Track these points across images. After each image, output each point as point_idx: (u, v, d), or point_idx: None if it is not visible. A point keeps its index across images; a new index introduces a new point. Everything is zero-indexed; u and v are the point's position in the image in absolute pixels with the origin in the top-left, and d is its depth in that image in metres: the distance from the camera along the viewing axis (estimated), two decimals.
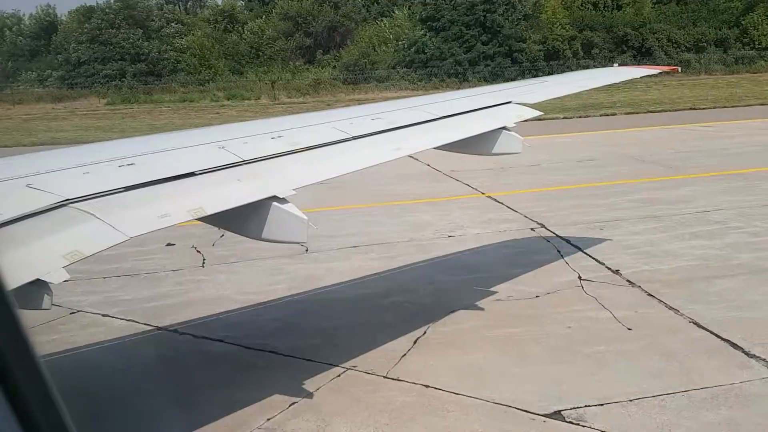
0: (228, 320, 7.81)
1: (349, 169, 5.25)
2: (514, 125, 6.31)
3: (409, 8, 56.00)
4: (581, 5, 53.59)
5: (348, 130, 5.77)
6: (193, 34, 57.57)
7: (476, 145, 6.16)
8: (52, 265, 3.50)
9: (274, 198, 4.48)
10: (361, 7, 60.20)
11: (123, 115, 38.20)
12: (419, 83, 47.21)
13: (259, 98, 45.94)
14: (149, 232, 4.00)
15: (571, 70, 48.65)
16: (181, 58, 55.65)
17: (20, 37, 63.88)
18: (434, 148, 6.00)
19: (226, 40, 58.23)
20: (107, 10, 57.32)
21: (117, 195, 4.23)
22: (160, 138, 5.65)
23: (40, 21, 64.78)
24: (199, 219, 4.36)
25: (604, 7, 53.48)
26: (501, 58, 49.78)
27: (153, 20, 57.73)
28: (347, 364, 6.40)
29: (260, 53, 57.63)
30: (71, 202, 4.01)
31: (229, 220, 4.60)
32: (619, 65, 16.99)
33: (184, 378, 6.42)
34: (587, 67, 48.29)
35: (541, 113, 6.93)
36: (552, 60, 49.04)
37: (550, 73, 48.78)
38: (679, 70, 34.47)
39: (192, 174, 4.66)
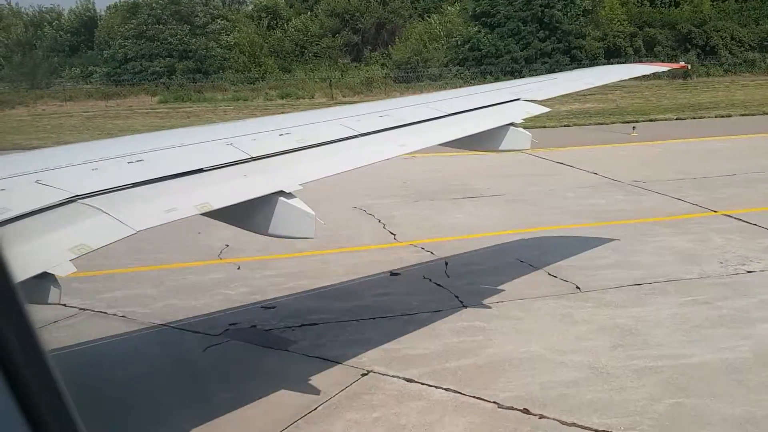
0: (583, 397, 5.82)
1: (356, 165, 5.26)
2: (521, 121, 6.30)
3: (456, 2, 54.02)
4: (637, 2, 51.85)
5: (355, 127, 5.79)
6: (238, 31, 56.06)
7: (483, 141, 6.16)
8: (59, 258, 3.53)
9: (281, 193, 4.49)
10: (408, 3, 58.38)
11: (187, 114, 36.90)
12: (473, 81, 43.97)
13: (313, 97, 44.82)
14: (156, 226, 4.02)
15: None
16: (227, 55, 54.06)
17: (60, 32, 62.65)
18: (441, 144, 6.00)
19: (270, 38, 57.15)
20: (153, 5, 55.53)
21: (125, 191, 4.26)
22: (168, 135, 5.68)
23: (80, 16, 63.68)
24: (206, 214, 4.38)
25: (660, 4, 51.74)
26: (559, 56, 47.94)
27: (197, 16, 55.93)
28: None
29: (305, 50, 56.50)
30: (79, 198, 4.05)
31: (235, 216, 4.62)
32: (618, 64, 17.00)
33: None
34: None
35: (549, 110, 6.92)
36: (613, 57, 46.95)
37: None
38: (689, 67, 33.92)
39: (200, 170, 4.69)
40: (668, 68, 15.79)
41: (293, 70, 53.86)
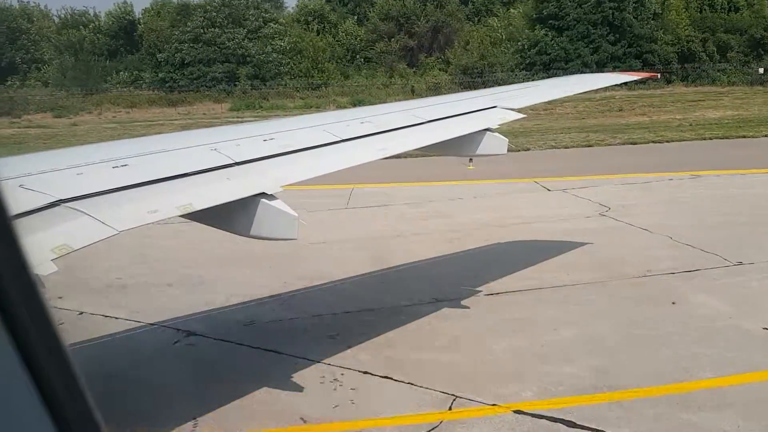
0: None
1: (336, 168, 5.40)
2: (497, 127, 6.47)
3: (512, 5, 51.58)
4: (698, 6, 50.36)
5: (337, 133, 5.93)
6: (290, 35, 53.53)
7: (460, 146, 6.32)
8: (41, 258, 3.60)
9: (263, 195, 4.62)
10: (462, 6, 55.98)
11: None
12: None
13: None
14: (138, 226, 4.12)
15: (707, 74, 45.79)
16: (282, 60, 51.68)
17: (98, 35, 59.49)
18: (419, 149, 6.16)
19: (320, 42, 54.31)
20: (207, 7, 53.22)
21: (108, 194, 4.36)
22: (154, 140, 5.80)
23: (119, 19, 60.82)
24: (187, 216, 4.50)
25: (720, 9, 50.01)
26: (631, 60, 45.77)
27: (248, 19, 53.40)
28: None
29: (356, 55, 54.29)
30: (63, 202, 4.13)
31: (217, 217, 4.73)
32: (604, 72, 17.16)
33: None
34: (724, 71, 45.96)
35: (524, 116, 7.10)
36: (687, 62, 45.75)
37: (685, 78, 45.83)
38: (659, 76, 33.35)
39: (184, 175, 4.80)
40: (639, 78, 16.06)
41: (351, 75, 51.92)
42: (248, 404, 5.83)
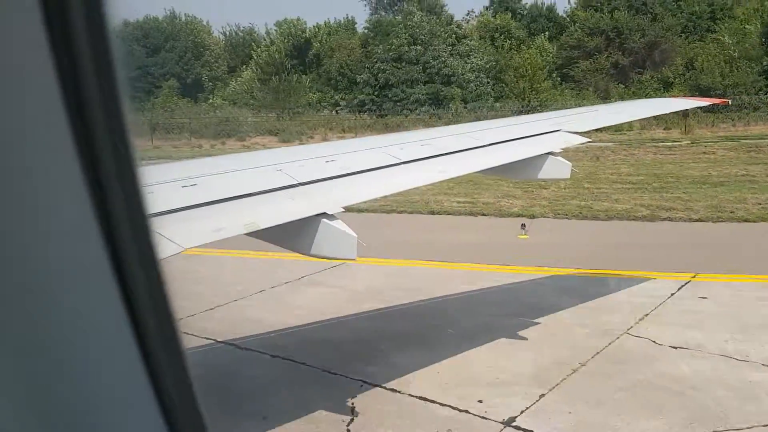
0: None
1: (396, 190, 5.48)
2: (560, 151, 6.44)
3: (732, 20, 46.36)
4: None
5: (398, 155, 6.02)
6: (485, 53, 48.67)
7: (521, 170, 6.30)
8: None
9: (324, 215, 4.72)
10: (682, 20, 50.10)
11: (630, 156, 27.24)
12: None
13: (670, 129, 37.12)
14: (204, 244, 4.27)
15: None
16: (481, 79, 47.01)
17: (276, 55, 55.39)
18: (479, 172, 6.18)
19: (511, 60, 49.27)
20: (408, 23, 48.50)
21: (177, 213, 4.53)
22: (222, 160, 6.00)
23: (294, 37, 57.57)
24: (252, 234, 4.63)
25: None
26: None
27: (439, 36, 48.62)
28: None
29: (551, 73, 49.07)
30: None
31: (281, 236, 4.85)
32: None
33: None
34: None
35: (588, 140, 7.04)
36: None
37: None
38: (729, 102, 31.46)
39: (250, 194, 4.95)
40: (709, 103, 15.44)
41: (562, 96, 45.93)
42: None
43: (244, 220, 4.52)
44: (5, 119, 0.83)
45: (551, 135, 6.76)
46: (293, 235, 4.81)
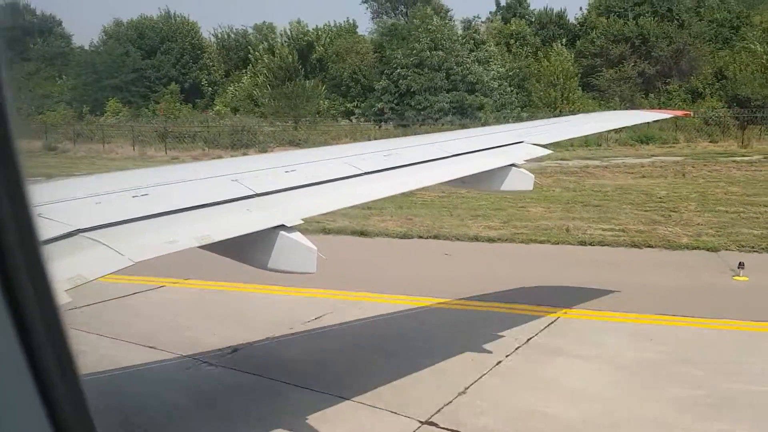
0: None
1: (357, 201, 5.31)
2: (524, 162, 6.36)
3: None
4: None
5: (360, 166, 5.85)
6: (503, 60, 45.92)
7: (485, 181, 6.20)
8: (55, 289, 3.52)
9: (282, 227, 4.53)
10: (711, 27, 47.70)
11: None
12: None
13: (716, 142, 35.97)
14: (155, 257, 4.04)
15: None
16: (504, 87, 44.03)
17: (275, 58, 51.74)
18: (442, 183, 6.05)
19: (529, 68, 46.86)
20: (429, 27, 44.94)
21: (127, 224, 4.30)
22: (174, 169, 5.76)
23: (297, 41, 53.75)
24: (205, 248, 4.41)
25: None
26: None
27: (456, 41, 45.69)
28: None
29: (569, 81, 45.60)
30: (81, 232, 4.08)
31: (236, 249, 4.64)
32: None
33: None
34: None
35: (551, 152, 6.98)
36: None
37: None
38: (692, 114, 31.30)
39: (204, 206, 4.73)
40: (671, 115, 15.54)
41: (585, 106, 42.49)
42: None
43: (197, 233, 4.30)
44: None
45: (514, 146, 6.68)
46: (249, 249, 4.60)
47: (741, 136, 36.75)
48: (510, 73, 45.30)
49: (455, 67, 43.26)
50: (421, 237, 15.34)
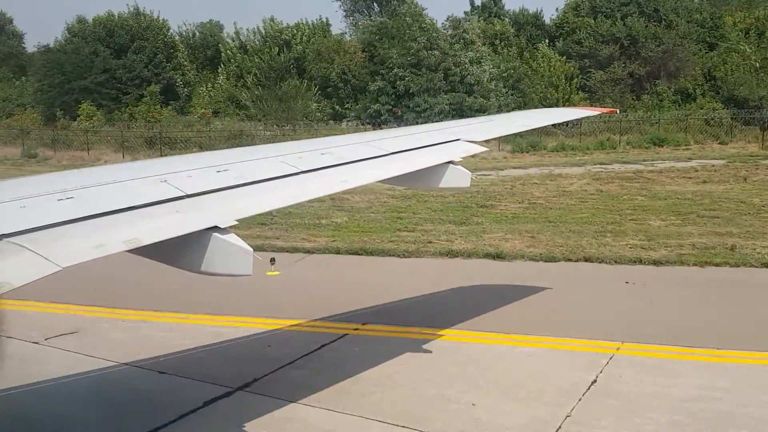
0: None
1: (294, 201, 5.21)
2: (461, 160, 6.38)
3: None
4: None
5: (296, 165, 5.74)
6: (494, 61, 44.14)
7: (423, 179, 6.20)
8: None
9: (215, 228, 4.39)
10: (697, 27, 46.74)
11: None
12: None
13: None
14: (83, 262, 3.87)
15: None
16: (500, 89, 42.36)
17: (253, 57, 48.91)
18: (381, 181, 6.01)
19: (517, 68, 45.16)
20: (424, 25, 43.11)
21: (54, 228, 4.11)
22: (101, 171, 5.53)
23: (274, 39, 50.53)
24: (134, 251, 4.24)
25: None
26: None
27: (445, 41, 43.76)
28: None
29: (557, 83, 44.16)
30: (5, 237, 3.88)
31: (167, 252, 4.48)
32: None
33: None
34: None
35: (487, 149, 7.02)
36: None
37: None
38: (618, 112, 30.72)
39: (132, 208, 4.56)
40: (598, 113, 15.73)
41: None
42: None
43: (126, 236, 4.13)
44: None
45: (451, 144, 6.71)
46: (181, 251, 4.44)
47: (762, 137, 36.10)
48: (504, 74, 44.09)
49: (453, 67, 41.73)
50: (569, 260, 13.10)
